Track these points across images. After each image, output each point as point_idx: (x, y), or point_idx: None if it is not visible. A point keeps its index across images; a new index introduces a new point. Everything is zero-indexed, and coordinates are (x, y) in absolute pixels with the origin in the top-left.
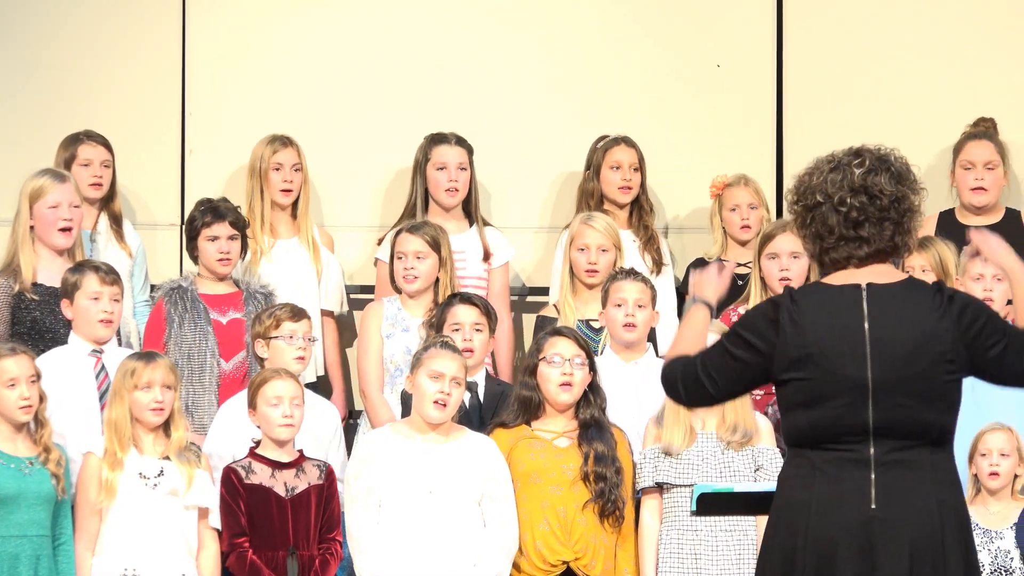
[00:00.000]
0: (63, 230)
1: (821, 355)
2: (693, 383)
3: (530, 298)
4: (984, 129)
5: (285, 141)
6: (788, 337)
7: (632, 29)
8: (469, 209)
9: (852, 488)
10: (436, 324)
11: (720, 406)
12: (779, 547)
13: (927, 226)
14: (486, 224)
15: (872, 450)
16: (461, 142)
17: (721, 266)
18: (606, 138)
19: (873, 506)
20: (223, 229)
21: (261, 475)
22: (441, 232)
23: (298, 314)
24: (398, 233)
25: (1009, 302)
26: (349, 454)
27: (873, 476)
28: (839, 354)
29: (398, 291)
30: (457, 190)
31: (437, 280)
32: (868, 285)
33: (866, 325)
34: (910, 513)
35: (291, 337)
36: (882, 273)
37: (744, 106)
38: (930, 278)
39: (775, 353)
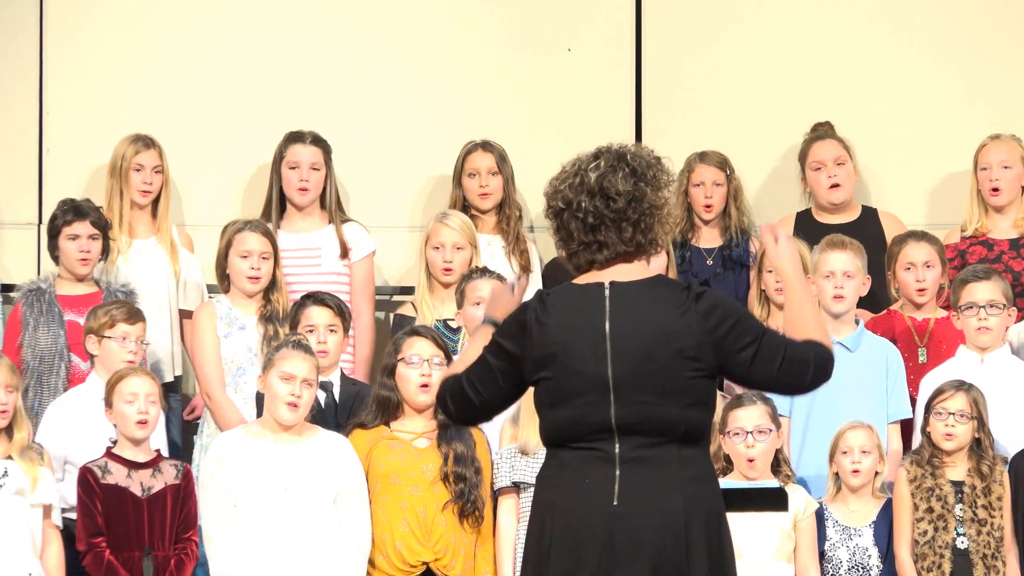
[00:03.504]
0: None
1: (564, 354)
2: (459, 396)
3: (399, 297)
4: (824, 132)
5: (147, 142)
6: (534, 337)
7: (494, 32)
8: (326, 206)
9: (596, 485)
10: (290, 325)
11: (487, 419)
12: (532, 545)
13: (784, 226)
14: (345, 220)
15: (617, 448)
16: (317, 141)
17: (512, 285)
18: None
19: (615, 502)
20: (84, 228)
21: (117, 475)
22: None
23: (134, 316)
24: (238, 230)
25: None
26: (190, 454)
27: (618, 473)
28: (581, 352)
29: (226, 290)
30: (308, 189)
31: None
32: (611, 283)
33: (607, 323)
34: (652, 509)
35: (124, 339)
36: (626, 271)
37: (605, 109)
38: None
39: (524, 355)
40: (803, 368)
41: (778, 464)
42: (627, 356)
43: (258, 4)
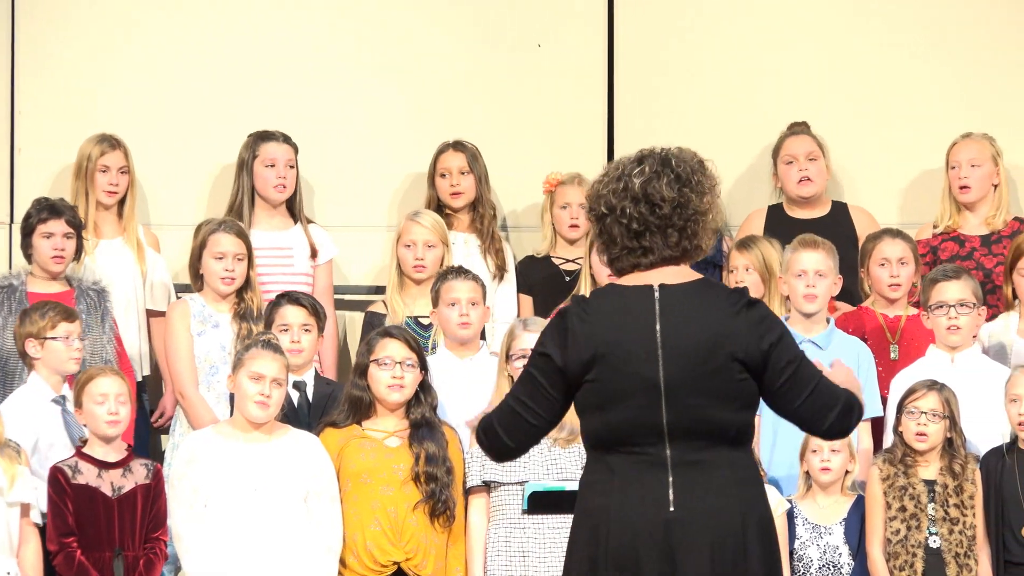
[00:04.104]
0: None
1: (613, 355)
2: (516, 426)
3: (375, 297)
4: (800, 130)
5: (113, 143)
6: (579, 339)
7: (466, 30)
8: (293, 207)
9: (650, 491)
10: (265, 324)
11: (538, 442)
12: (582, 553)
13: (754, 221)
14: (310, 222)
15: (668, 451)
16: (287, 140)
17: None
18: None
19: (672, 508)
20: (59, 226)
21: (88, 475)
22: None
23: (71, 315)
24: (212, 231)
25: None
26: (161, 453)
27: (671, 478)
28: (630, 354)
29: (199, 289)
30: (285, 187)
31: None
32: (660, 286)
33: (658, 325)
34: (709, 513)
35: (67, 338)
36: (675, 273)
37: (577, 107)
38: (754, 278)
39: (568, 359)
40: (829, 408)
41: None
42: (678, 358)
43: (225, 4)
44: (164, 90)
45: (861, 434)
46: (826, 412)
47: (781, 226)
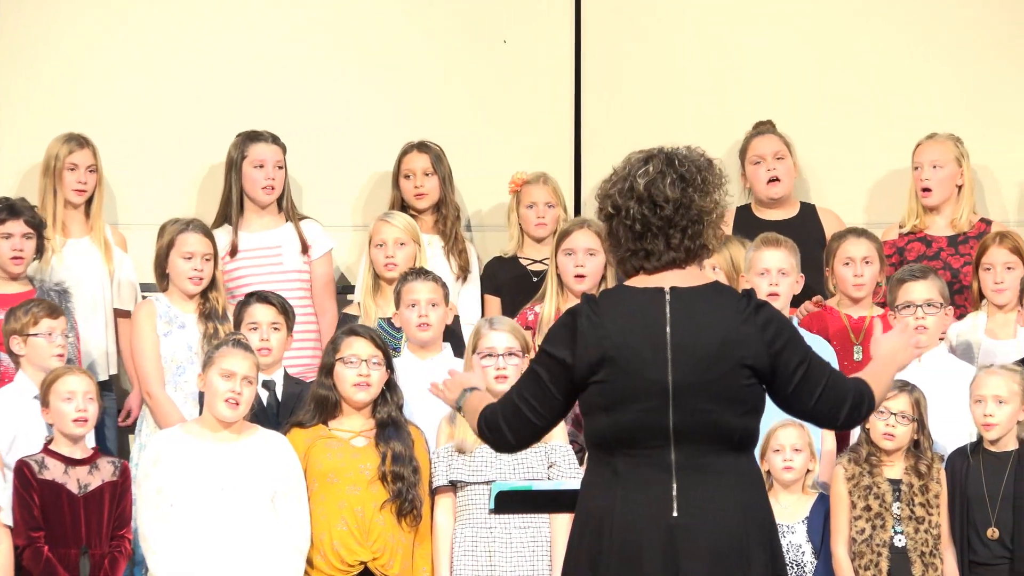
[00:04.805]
0: None
1: (621, 357)
2: (518, 422)
3: (340, 295)
4: (766, 129)
5: (81, 141)
6: (588, 340)
7: (432, 27)
8: (283, 205)
9: (654, 495)
10: (234, 323)
11: (539, 440)
12: (584, 554)
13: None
14: (302, 218)
15: (673, 455)
16: (276, 140)
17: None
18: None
19: (675, 513)
20: (17, 227)
21: (54, 471)
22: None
23: (55, 311)
24: (180, 231)
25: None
26: (126, 452)
27: (675, 482)
28: (640, 357)
29: (164, 289)
30: (274, 187)
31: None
32: (672, 288)
33: (668, 328)
34: (712, 518)
35: (50, 334)
36: (685, 276)
37: (544, 105)
38: (720, 277)
39: (576, 359)
40: (840, 403)
41: None
42: (688, 362)
43: (196, 3)
44: (133, 89)
45: (826, 434)
46: (840, 407)
47: (749, 227)
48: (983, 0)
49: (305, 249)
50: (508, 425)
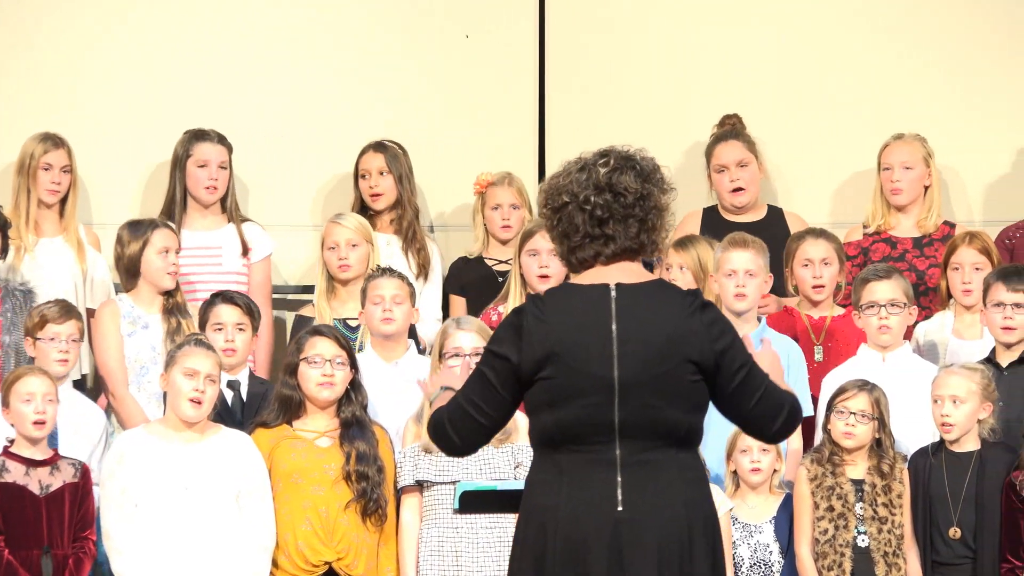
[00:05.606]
0: None
1: (567, 353)
2: (465, 424)
3: (304, 296)
4: (731, 127)
5: (57, 141)
6: (534, 337)
7: (393, 21)
8: (226, 206)
9: (599, 490)
10: (199, 323)
11: (488, 441)
12: (529, 551)
13: (690, 222)
14: (244, 220)
15: (618, 451)
16: (222, 140)
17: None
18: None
19: (620, 508)
20: None
21: (15, 473)
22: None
23: (65, 314)
24: (154, 228)
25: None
26: None
27: (620, 478)
28: (585, 353)
29: (130, 289)
30: (216, 188)
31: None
32: (617, 285)
33: (613, 325)
34: (657, 513)
35: (52, 339)
36: (631, 272)
37: (507, 102)
38: (687, 277)
39: (522, 357)
40: (777, 411)
41: None
42: (633, 358)
43: (159, 2)
44: (99, 88)
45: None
46: (775, 416)
47: (717, 229)
48: (947, 1)
49: (246, 252)
50: (453, 427)
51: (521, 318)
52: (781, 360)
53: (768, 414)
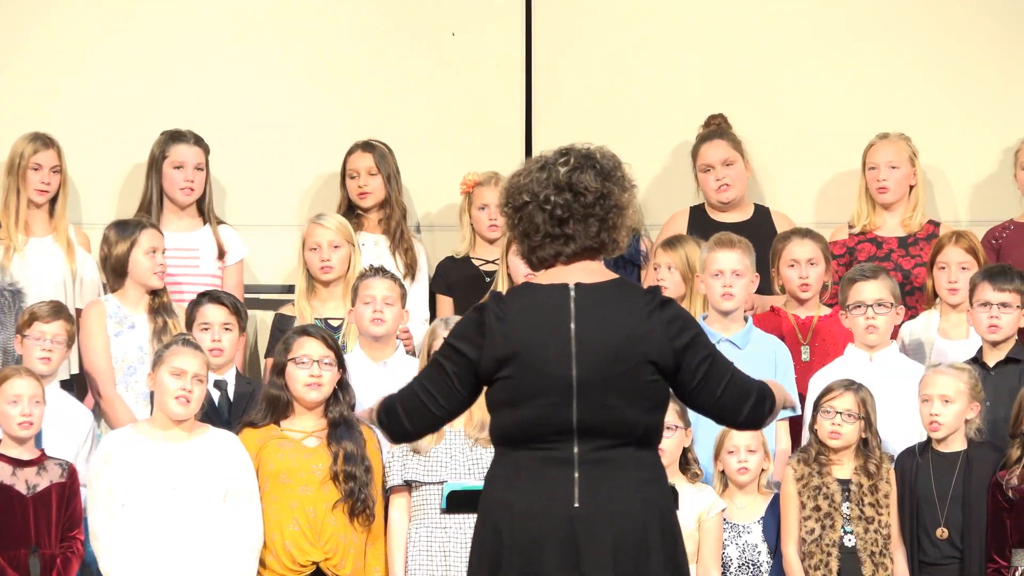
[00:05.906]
0: None
1: (527, 353)
2: (417, 411)
3: (286, 296)
4: (716, 127)
5: (47, 141)
6: (495, 336)
7: (379, 20)
8: (203, 207)
9: (555, 487)
10: (185, 323)
11: (437, 431)
12: (486, 548)
13: (677, 223)
14: (220, 222)
15: (576, 449)
16: (199, 141)
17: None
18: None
19: (576, 504)
20: None
21: (2, 473)
22: None
23: (54, 314)
24: (141, 228)
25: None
26: None
27: (577, 475)
28: (544, 353)
29: (116, 289)
30: (193, 189)
31: None
32: (576, 285)
33: (572, 325)
34: (613, 511)
35: (38, 338)
36: (591, 272)
37: (494, 101)
38: (675, 277)
39: (482, 355)
40: (743, 400)
41: (686, 463)
42: (592, 358)
43: (147, 3)
44: (82, 88)
45: (780, 434)
46: (742, 404)
47: (705, 228)
48: (929, 2)
49: (221, 255)
50: (406, 412)
51: (483, 316)
52: (768, 359)
53: (734, 403)
